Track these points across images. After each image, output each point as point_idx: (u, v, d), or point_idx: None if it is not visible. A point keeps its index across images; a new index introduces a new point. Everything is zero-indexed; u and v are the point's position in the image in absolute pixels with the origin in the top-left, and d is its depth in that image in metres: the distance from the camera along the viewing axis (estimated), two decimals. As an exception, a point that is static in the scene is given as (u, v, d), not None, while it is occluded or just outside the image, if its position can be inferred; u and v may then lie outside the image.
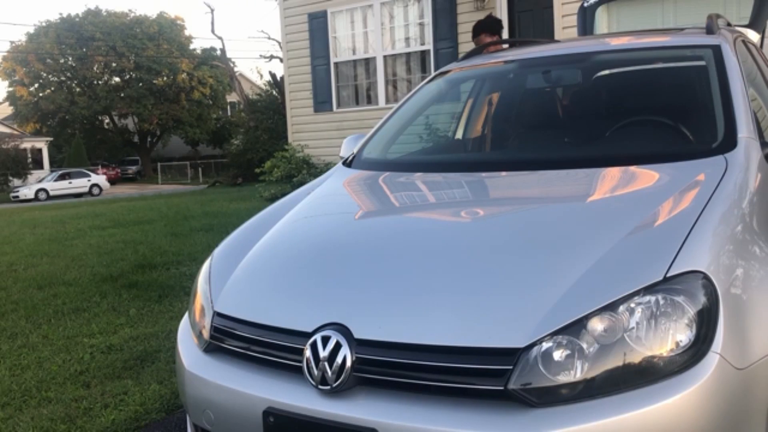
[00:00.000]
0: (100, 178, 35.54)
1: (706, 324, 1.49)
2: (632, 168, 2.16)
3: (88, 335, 4.12)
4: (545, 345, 1.48)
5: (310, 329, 1.68)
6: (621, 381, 1.45)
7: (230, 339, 1.88)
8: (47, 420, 2.89)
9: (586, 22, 5.05)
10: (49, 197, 31.75)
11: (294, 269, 2.00)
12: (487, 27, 4.90)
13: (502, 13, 9.00)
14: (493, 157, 3.09)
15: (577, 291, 1.54)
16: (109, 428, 2.82)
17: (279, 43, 17.83)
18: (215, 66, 40.36)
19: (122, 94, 43.23)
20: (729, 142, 2.16)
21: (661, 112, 2.69)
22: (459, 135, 3.63)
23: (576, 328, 1.48)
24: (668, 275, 1.53)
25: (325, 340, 1.63)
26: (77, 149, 40.21)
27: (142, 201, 17.81)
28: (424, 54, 10.12)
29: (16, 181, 35.00)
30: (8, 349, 3.94)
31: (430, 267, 1.77)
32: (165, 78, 43.72)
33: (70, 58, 42.59)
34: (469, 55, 3.46)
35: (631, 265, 1.59)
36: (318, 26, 10.92)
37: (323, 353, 1.61)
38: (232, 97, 44.16)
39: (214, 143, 46.56)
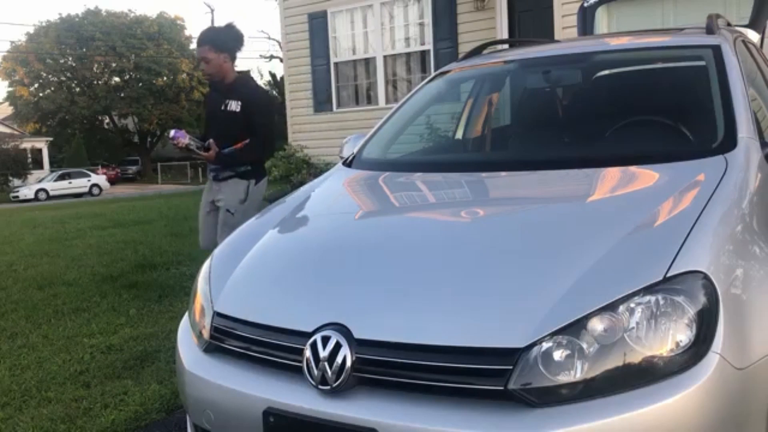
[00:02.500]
0: (100, 178, 35.55)
1: (706, 324, 1.49)
2: (632, 168, 2.16)
3: (88, 335, 4.12)
4: (545, 345, 1.48)
5: (310, 329, 1.68)
6: (621, 381, 1.45)
7: (230, 339, 1.88)
8: (47, 420, 2.89)
9: (586, 22, 5.05)
10: (49, 197, 31.75)
11: (294, 269, 2.00)
12: (215, 40, 3.81)
13: (502, 13, 9.00)
14: (493, 157, 3.10)
15: (577, 291, 1.54)
16: (109, 428, 2.82)
17: (279, 43, 17.84)
18: (215, 66, 40.28)
19: (122, 94, 43.23)
20: (729, 142, 2.16)
21: (661, 112, 2.69)
22: (459, 135, 3.63)
23: (576, 328, 1.48)
24: (668, 275, 1.53)
25: (325, 340, 1.63)
26: (77, 149, 40.21)
27: (142, 201, 17.80)
28: (424, 54, 10.11)
29: (16, 181, 35.00)
30: (8, 349, 3.94)
31: (430, 267, 1.77)
32: (165, 78, 43.71)
33: (70, 58, 42.59)
34: (469, 55, 3.46)
35: (631, 265, 1.59)
36: (318, 26, 10.91)
37: (323, 353, 1.61)
38: (231, 97, 44.04)
39: (214, 143, 46.44)
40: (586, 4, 5.08)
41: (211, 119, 4.04)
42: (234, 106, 3.84)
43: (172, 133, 3.82)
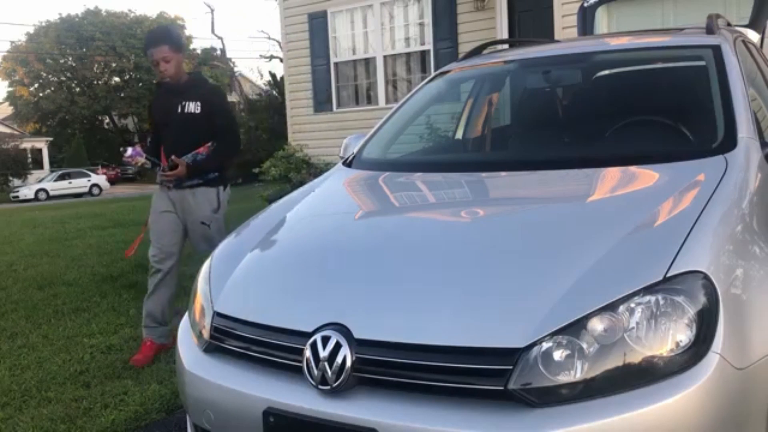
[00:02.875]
0: (100, 178, 35.54)
1: (706, 324, 1.49)
2: (632, 168, 2.16)
3: (88, 335, 4.12)
4: (545, 345, 1.48)
5: (310, 329, 1.68)
6: (621, 381, 1.44)
7: (230, 339, 1.88)
8: (47, 420, 2.89)
9: (586, 22, 5.05)
10: (49, 197, 31.74)
11: (294, 269, 2.00)
12: (173, 39, 3.60)
13: (502, 13, 9.00)
14: (493, 157, 3.10)
15: (577, 291, 1.54)
16: (109, 428, 2.82)
17: (279, 43, 17.83)
18: (215, 66, 40.36)
19: (122, 94, 43.25)
20: (729, 142, 2.16)
21: (661, 112, 2.69)
22: (459, 135, 3.63)
23: (576, 328, 1.48)
24: (668, 275, 1.53)
25: (325, 340, 1.63)
26: (77, 149, 40.20)
27: (142, 201, 17.79)
28: (424, 54, 10.11)
29: (16, 181, 35.00)
30: (8, 349, 3.94)
31: (430, 267, 1.77)
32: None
33: (70, 58, 42.60)
34: (469, 55, 3.46)
35: (631, 265, 1.59)
36: (318, 26, 10.91)
37: (323, 353, 1.61)
38: (232, 97, 44.04)
39: (213, 143, 46.47)
40: (586, 4, 5.08)
41: (163, 125, 3.71)
42: (192, 107, 3.60)
43: (129, 151, 3.58)
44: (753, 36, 3.64)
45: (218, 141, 3.63)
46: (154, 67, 3.61)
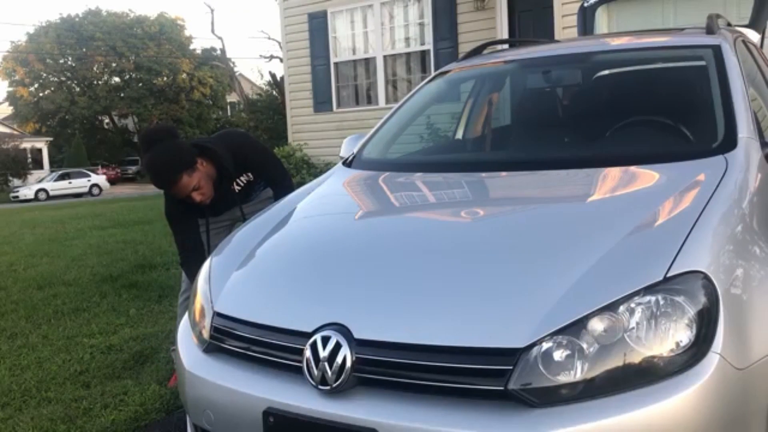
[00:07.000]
0: (100, 178, 35.52)
1: (706, 324, 1.49)
2: (632, 168, 2.16)
3: (88, 335, 4.12)
4: (545, 345, 1.48)
5: (310, 329, 1.68)
6: (621, 381, 1.44)
7: (230, 339, 1.88)
8: (47, 420, 2.89)
9: (586, 22, 5.05)
10: (49, 197, 31.73)
11: (294, 269, 2.00)
12: (183, 161, 2.85)
13: (502, 13, 9.00)
14: (493, 158, 3.09)
15: (577, 291, 1.54)
16: (109, 428, 2.82)
17: (279, 43, 17.83)
18: (215, 66, 40.37)
19: (122, 95, 43.27)
20: (729, 142, 2.16)
21: (661, 112, 2.69)
22: (459, 135, 3.63)
23: (576, 328, 1.48)
24: (668, 275, 1.53)
25: (325, 340, 1.63)
26: (77, 149, 40.20)
27: (142, 201, 17.81)
28: (424, 54, 10.12)
29: (16, 181, 35.01)
30: (8, 349, 3.94)
31: (430, 267, 1.77)
32: (165, 78, 43.72)
33: (70, 58, 42.61)
34: (469, 55, 3.46)
35: (631, 265, 1.59)
36: (318, 26, 10.92)
37: (323, 353, 1.61)
38: (232, 97, 44.16)
39: (213, 143, 46.40)
40: (586, 4, 5.08)
41: (214, 207, 3.16)
42: (245, 179, 3.22)
43: None
44: (753, 36, 3.64)
45: (276, 186, 3.27)
46: (189, 201, 2.96)
